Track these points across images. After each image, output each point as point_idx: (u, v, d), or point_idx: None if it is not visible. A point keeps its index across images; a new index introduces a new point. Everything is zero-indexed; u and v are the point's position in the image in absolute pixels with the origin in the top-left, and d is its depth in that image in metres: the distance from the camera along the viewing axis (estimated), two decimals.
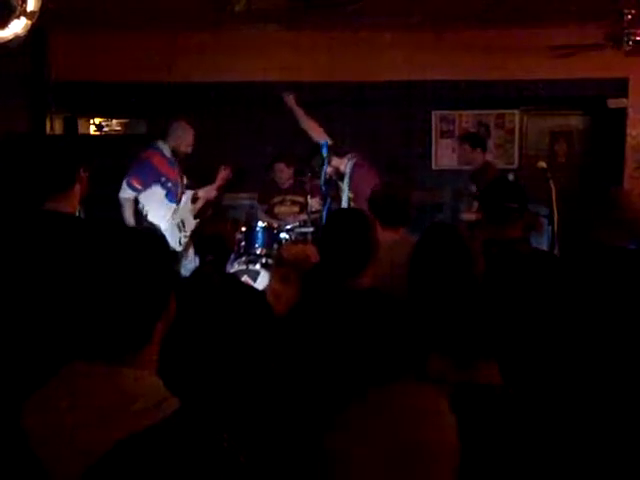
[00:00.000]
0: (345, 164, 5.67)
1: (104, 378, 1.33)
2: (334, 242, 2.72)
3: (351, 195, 5.61)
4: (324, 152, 5.43)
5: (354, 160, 5.68)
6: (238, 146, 7.69)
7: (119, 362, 1.35)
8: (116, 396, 1.30)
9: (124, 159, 6.07)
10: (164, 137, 5.89)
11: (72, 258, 1.40)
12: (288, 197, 7.00)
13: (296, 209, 6.96)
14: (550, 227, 4.55)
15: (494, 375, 2.13)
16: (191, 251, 5.55)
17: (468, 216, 6.17)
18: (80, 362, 1.37)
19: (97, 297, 1.36)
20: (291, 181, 7.02)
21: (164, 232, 5.63)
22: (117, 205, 5.84)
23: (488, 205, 3.37)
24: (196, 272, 3.58)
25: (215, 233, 3.54)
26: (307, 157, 5.92)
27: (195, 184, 6.18)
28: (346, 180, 5.63)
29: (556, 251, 4.46)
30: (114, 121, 8.92)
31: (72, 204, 2.73)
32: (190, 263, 5.43)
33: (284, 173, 6.98)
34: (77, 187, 2.73)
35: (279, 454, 2.04)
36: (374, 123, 7.76)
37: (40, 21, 3.82)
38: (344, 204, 5.57)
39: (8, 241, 2.60)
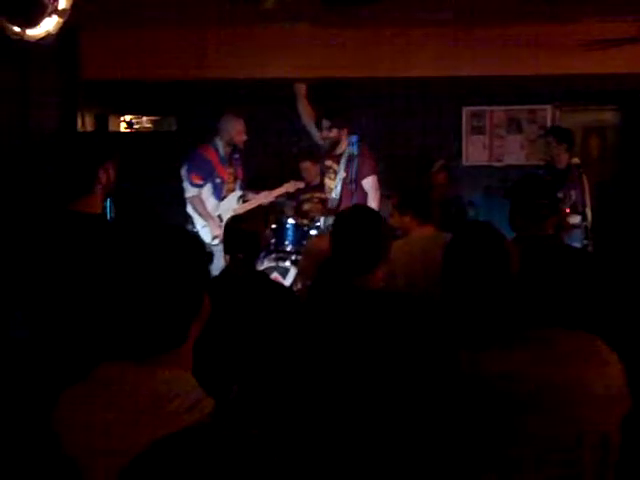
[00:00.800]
0: (347, 144, 5.63)
1: (138, 379, 1.33)
2: (344, 239, 2.66)
3: (344, 175, 5.55)
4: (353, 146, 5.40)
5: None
6: (268, 142, 7.69)
7: (155, 362, 1.35)
8: (151, 397, 1.30)
9: (154, 156, 6.08)
10: (217, 134, 5.92)
11: (105, 259, 1.40)
12: (316, 194, 6.97)
13: (322, 206, 6.92)
14: (584, 223, 4.50)
15: None
16: None
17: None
18: (113, 363, 1.37)
19: (132, 297, 1.36)
20: (319, 178, 6.99)
21: (204, 226, 5.69)
22: (147, 202, 5.87)
23: (519, 202, 3.32)
24: (226, 269, 3.58)
25: (246, 230, 3.54)
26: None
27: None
28: (343, 160, 5.58)
29: (589, 247, 4.40)
30: (144, 118, 8.98)
31: (95, 204, 2.69)
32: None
33: (310, 171, 6.95)
34: (98, 188, 2.68)
35: (313, 449, 2.03)
36: (405, 119, 7.71)
37: (71, 19, 3.84)
38: (338, 185, 5.51)
39: (42, 241, 2.61)
